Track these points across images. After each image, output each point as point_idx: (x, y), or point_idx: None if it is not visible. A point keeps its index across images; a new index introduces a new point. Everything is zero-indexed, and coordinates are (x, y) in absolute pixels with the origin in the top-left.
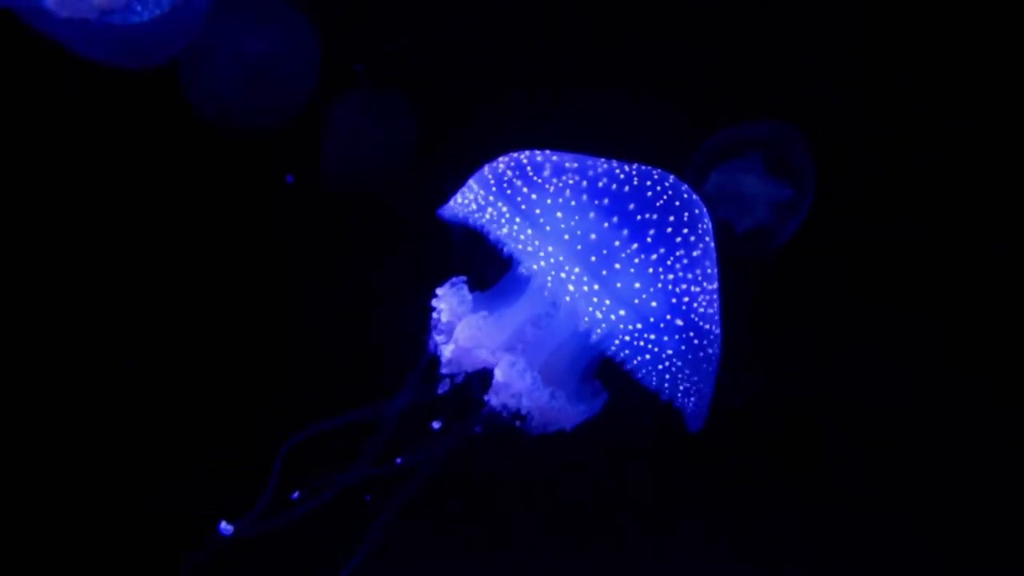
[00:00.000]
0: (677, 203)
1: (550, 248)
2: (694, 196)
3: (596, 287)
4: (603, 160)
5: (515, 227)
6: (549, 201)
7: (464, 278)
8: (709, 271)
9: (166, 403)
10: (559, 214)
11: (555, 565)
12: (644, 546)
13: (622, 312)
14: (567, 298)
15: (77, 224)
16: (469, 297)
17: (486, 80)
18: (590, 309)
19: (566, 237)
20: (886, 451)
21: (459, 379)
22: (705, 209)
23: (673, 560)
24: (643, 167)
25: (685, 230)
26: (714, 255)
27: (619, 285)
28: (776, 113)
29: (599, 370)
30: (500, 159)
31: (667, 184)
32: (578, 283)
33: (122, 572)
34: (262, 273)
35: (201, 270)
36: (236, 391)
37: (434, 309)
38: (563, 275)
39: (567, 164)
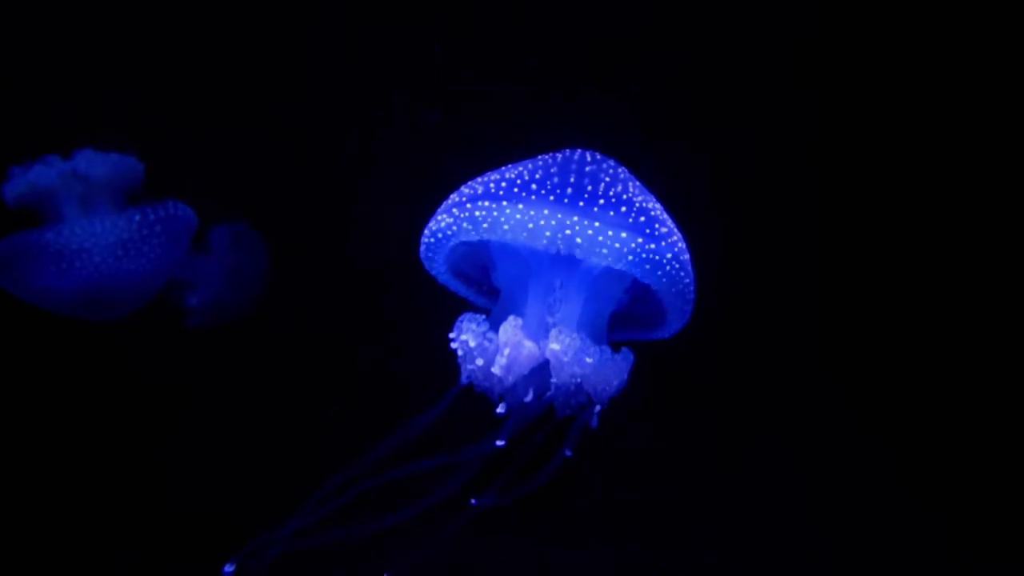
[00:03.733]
0: (599, 156)
1: (546, 211)
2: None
3: (597, 224)
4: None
5: (507, 213)
6: (519, 180)
7: (468, 314)
8: (658, 204)
9: (167, 404)
10: (534, 185)
11: (558, 565)
12: (644, 545)
13: (624, 235)
14: (578, 250)
15: None
16: (484, 319)
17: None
18: (600, 250)
19: (551, 198)
20: (886, 451)
21: (514, 387)
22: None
23: (671, 560)
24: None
25: (621, 170)
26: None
27: (612, 214)
28: (776, 113)
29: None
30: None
31: (580, 151)
32: (583, 229)
33: (122, 571)
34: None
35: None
36: (239, 393)
37: (455, 346)
38: (568, 231)
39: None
